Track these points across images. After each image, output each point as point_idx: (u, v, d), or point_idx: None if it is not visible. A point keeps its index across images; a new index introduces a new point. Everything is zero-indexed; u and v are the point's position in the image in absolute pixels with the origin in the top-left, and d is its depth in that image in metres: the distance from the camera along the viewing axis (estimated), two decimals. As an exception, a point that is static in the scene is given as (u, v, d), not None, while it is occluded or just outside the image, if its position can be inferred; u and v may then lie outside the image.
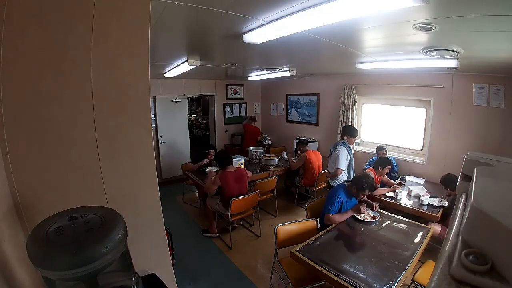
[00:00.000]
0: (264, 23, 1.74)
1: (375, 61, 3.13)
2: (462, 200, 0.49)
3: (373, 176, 3.32)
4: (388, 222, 2.54)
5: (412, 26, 1.70)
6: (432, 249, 2.42)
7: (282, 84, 6.23)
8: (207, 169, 4.04)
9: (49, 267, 0.62)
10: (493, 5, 1.31)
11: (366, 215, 2.59)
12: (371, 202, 2.89)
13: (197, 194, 4.77)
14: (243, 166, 4.04)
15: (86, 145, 0.97)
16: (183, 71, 3.94)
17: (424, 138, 4.04)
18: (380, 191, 3.25)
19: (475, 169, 0.46)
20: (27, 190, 0.87)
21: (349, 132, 3.54)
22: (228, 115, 6.66)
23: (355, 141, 3.83)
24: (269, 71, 4.48)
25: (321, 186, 4.28)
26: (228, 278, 2.76)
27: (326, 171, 4.33)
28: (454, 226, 0.38)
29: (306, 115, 5.87)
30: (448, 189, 2.90)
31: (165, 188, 4.69)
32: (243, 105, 6.87)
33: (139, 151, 1.09)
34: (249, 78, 5.66)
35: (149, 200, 1.20)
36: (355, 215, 2.58)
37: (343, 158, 3.41)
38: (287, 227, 2.43)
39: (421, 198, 2.96)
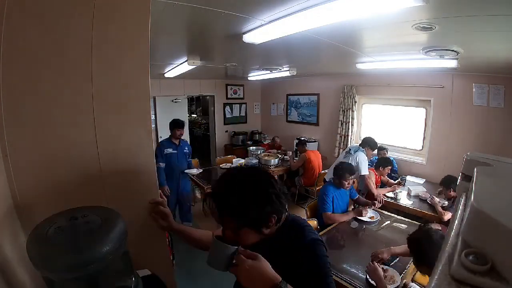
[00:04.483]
0: (264, 23, 1.74)
1: (375, 61, 3.13)
2: (462, 200, 0.49)
3: (374, 176, 3.33)
4: (388, 222, 2.54)
5: (412, 26, 1.70)
6: (432, 249, 2.42)
7: (282, 84, 6.23)
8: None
9: (49, 268, 0.62)
10: (492, 5, 1.31)
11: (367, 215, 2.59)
12: (369, 201, 2.90)
13: (198, 194, 4.76)
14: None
15: (86, 145, 0.97)
16: (183, 71, 3.94)
17: (424, 138, 4.04)
18: (380, 191, 3.25)
19: (475, 169, 0.46)
20: (27, 190, 0.87)
21: (371, 145, 3.45)
22: (228, 115, 6.66)
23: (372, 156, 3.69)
24: (269, 71, 4.47)
25: (321, 186, 4.28)
26: (228, 278, 2.74)
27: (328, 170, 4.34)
28: (454, 226, 0.38)
29: (306, 115, 5.87)
30: (451, 190, 2.81)
31: (165, 188, 4.67)
32: (243, 105, 6.87)
33: (139, 151, 1.09)
34: (249, 78, 5.65)
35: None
36: (363, 216, 2.58)
37: (366, 165, 3.33)
38: (287, 227, 2.42)
39: (421, 198, 2.96)
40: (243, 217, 0.79)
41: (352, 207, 3.02)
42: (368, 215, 2.60)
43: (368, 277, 1.66)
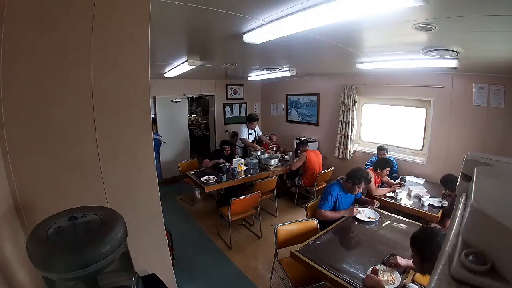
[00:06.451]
0: (264, 23, 1.74)
1: (375, 61, 3.13)
2: (462, 200, 0.49)
3: (374, 176, 3.33)
4: (388, 222, 2.54)
5: (412, 26, 1.70)
6: (432, 249, 2.42)
7: (282, 84, 6.23)
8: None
9: (49, 268, 0.62)
10: (492, 5, 1.31)
11: (364, 214, 2.59)
12: (369, 199, 2.90)
13: (197, 194, 4.76)
14: (243, 167, 4.06)
15: (86, 145, 0.97)
16: (183, 71, 3.95)
17: (424, 138, 4.04)
18: (380, 191, 3.25)
19: (475, 169, 0.46)
20: (27, 190, 0.87)
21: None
22: (228, 115, 6.66)
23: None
24: (269, 71, 4.48)
25: (321, 186, 4.28)
26: (228, 278, 2.75)
27: (328, 170, 4.34)
28: (454, 226, 0.38)
29: (306, 115, 5.87)
30: (447, 190, 2.87)
31: (165, 188, 4.68)
32: (243, 105, 6.87)
33: (139, 151, 1.09)
34: (249, 78, 5.66)
35: (149, 200, 1.20)
36: (355, 215, 2.58)
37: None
38: (287, 227, 2.43)
39: (421, 198, 2.96)
40: None
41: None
42: (368, 215, 2.60)
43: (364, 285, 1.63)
